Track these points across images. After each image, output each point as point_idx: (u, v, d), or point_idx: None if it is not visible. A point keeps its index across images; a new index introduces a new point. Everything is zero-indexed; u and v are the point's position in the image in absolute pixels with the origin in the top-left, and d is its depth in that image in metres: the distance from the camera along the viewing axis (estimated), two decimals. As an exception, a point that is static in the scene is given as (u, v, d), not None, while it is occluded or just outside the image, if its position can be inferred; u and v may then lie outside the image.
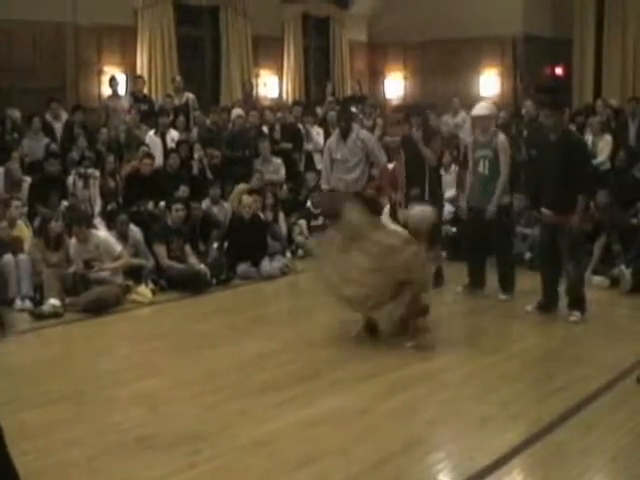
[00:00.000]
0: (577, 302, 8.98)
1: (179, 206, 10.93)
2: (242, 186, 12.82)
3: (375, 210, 12.42)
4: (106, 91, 15.19)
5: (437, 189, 10.47)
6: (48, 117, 13.61)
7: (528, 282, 9.87)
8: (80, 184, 11.95)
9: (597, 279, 10.43)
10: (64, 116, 13.81)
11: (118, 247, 10.08)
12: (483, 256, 10.11)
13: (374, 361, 7.64)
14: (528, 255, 11.19)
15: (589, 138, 13.64)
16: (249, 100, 16.52)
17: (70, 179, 12.03)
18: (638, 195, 11.99)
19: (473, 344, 8.25)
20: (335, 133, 11.38)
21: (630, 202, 11.85)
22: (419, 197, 9.72)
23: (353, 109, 14.38)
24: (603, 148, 13.78)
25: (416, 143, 10.26)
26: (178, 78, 15.69)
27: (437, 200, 10.09)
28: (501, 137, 9.85)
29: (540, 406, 6.55)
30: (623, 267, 10.32)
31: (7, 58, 14.25)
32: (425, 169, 10.22)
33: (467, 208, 10.12)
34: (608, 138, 14.00)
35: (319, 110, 16.97)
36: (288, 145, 14.68)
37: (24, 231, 10.60)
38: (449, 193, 12.37)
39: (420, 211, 8.52)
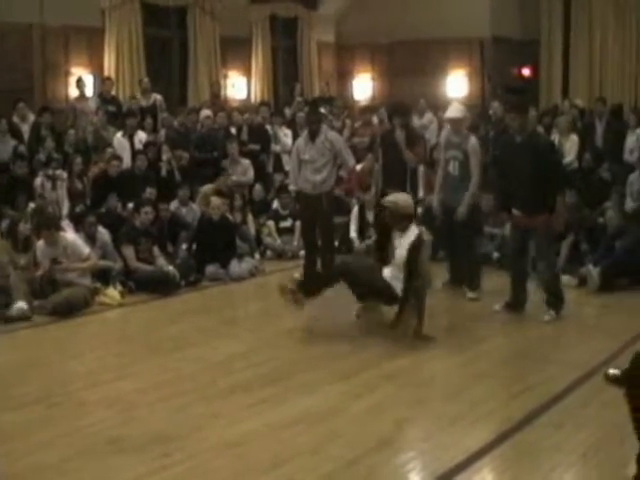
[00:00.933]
0: (556, 301, 9.02)
1: (148, 209, 10.89)
2: (208, 187, 12.77)
3: (343, 211, 12.49)
4: (73, 92, 15.10)
5: (417, 191, 10.55)
6: (15, 118, 13.49)
7: (496, 281, 9.94)
8: (48, 186, 11.89)
9: (565, 278, 10.45)
10: (31, 117, 13.67)
11: (86, 249, 10.02)
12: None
13: (344, 361, 7.66)
14: (496, 255, 11.26)
15: (556, 138, 13.72)
16: (217, 101, 16.49)
17: (37, 181, 11.96)
18: (605, 195, 12.10)
19: (442, 343, 8.25)
20: (303, 134, 11.35)
21: (597, 202, 11.97)
22: None
23: (322, 110, 14.37)
24: (570, 148, 13.87)
25: (398, 144, 10.23)
26: (145, 79, 15.62)
27: (416, 202, 10.13)
28: (472, 140, 9.88)
29: (510, 405, 6.58)
30: (591, 266, 10.37)
31: (-26, 59, 14.13)
32: (406, 171, 10.21)
33: (439, 206, 10.14)
34: (574, 138, 14.10)
35: (287, 111, 16.98)
36: (256, 146, 14.66)
37: (-9, 234, 10.52)
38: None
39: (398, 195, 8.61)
